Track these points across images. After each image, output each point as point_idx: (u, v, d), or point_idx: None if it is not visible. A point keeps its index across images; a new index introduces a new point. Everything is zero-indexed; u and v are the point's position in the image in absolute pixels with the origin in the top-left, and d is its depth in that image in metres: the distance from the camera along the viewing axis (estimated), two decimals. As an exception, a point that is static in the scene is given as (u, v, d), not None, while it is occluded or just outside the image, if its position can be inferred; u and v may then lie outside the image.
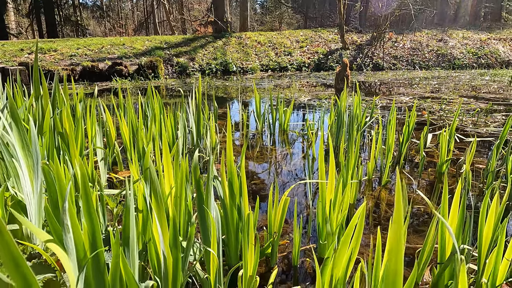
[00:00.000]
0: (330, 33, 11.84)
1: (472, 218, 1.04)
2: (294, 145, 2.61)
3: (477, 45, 11.01)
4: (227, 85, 6.58)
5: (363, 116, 2.52)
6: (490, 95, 5.06)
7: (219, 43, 9.89)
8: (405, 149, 2.23)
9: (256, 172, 2.05)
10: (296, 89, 5.89)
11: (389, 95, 5.04)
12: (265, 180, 1.91)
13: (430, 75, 8.36)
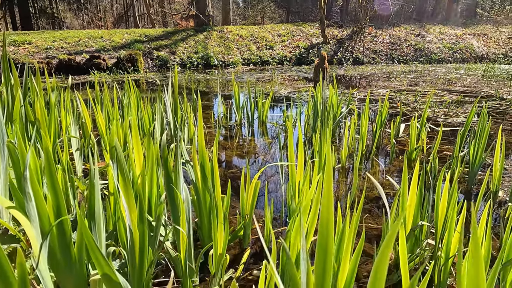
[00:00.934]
0: (312, 27, 11.93)
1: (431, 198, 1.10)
2: (272, 136, 2.65)
3: (453, 40, 11.33)
4: (208, 79, 6.56)
5: (339, 107, 2.58)
6: (463, 88, 5.25)
7: (200, 37, 9.81)
8: (378, 138, 2.30)
9: (233, 161, 2.08)
10: (277, 82, 5.93)
11: (367, 88, 5.15)
12: (242, 168, 1.95)
13: (408, 69, 8.56)
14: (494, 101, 4.06)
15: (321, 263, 0.36)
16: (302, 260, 0.34)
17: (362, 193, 0.91)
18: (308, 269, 0.37)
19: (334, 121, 2.51)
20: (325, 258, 0.37)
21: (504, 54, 10.78)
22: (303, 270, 0.34)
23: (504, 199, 1.57)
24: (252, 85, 5.45)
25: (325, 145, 1.58)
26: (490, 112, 3.49)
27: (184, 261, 0.84)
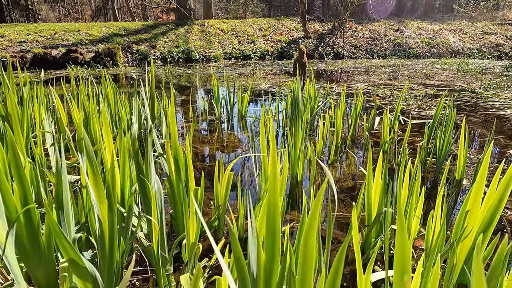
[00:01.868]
0: (293, 22, 11.97)
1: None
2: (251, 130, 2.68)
3: (430, 35, 11.61)
4: (189, 73, 6.51)
5: (316, 101, 2.63)
6: (439, 82, 5.42)
7: (181, 31, 9.70)
8: (353, 131, 2.37)
9: (212, 154, 2.10)
10: (259, 77, 5.95)
11: (347, 82, 5.25)
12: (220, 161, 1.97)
13: (387, 63, 8.74)
14: (466, 94, 4.22)
15: (270, 243, 0.40)
16: (251, 237, 0.37)
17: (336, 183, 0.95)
18: (258, 247, 0.40)
19: (311, 115, 2.56)
20: (273, 241, 0.41)
21: (478, 49, 11.14)
22: (251, 246, 0.37)
23: (468, 187, 1.66)
24: (233, 80, 5.46)
25: (299, 138, 1.63)
26: (461, 105, 3.63)
27: (156, 250, 0.87)
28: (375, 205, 1.10)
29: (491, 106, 3.58)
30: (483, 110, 3.41)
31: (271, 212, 0.40)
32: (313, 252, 0.35)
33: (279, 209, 0.44)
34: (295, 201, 1.56)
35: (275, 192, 0.42)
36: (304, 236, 0.34)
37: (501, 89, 4.58)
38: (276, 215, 0.37)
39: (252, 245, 0.39)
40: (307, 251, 0.33)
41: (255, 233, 0.38)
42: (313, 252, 0.35)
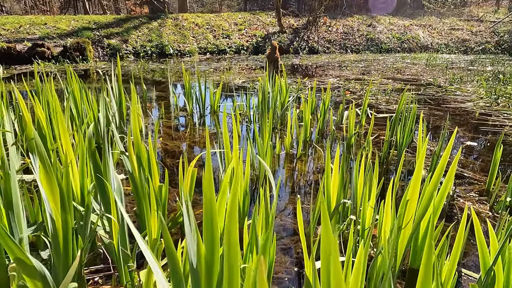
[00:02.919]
0: (268, 16, 11.98)
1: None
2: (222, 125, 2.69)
3: (401, 31, 11.94)
4: (163, 68, 6.41)
5: (286, 95, 2.67)
6: (410, 76, 5.60)
7: (154, 25, 9.50)
8: (322, 125, 2.43)
9: (182, 151, 2.10)
10: (234, 72, 5.95)
11: (321, 77, 5.33)
12: (190, 158, 1.98)
13: (359, 58, 8.93)
14: (432, 88, 4.40)
15: (209, 235, 0.42)
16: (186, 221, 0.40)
17: (303, 177, 0.99)
18: (197, 239, 0.42)
19: (282, 109, 2.60)
20: (212, 233, 0.43)
21: (446, 44, 11.57)
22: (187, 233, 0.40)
23: (425, 177, 1.75)
24: (207, 75, 5.43)
25: (266, 133, 1.66)
26: (427, 99, 3.78)
27: (117, 247, 0.88)
28: (334, 197, 1.15)
29: (454, 99, 3.75)
30: (446, 103, 3.57)
31: (207, 204, 0.42)
32: (236, 241, 0.37)
33: (213, 200, 0.46)
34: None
35: (209, 184, 0.44)
36: (227, 229, 0.37)
37: (465, 83, 4.80)
38: (213, 207, 0.39)
39: (189, 236, 0.42)
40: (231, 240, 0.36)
41: (192, 224, 0.41)
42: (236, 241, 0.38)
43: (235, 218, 0.39)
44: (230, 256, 0.36)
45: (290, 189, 1.64)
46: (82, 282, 0.85)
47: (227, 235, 0.36)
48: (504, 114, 3.13)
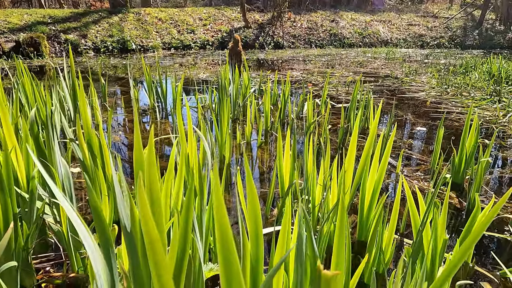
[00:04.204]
0: (233, 11, 11.94)
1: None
2: (184, 118, 2.68)
3: (362, 26, 12.33)
4: (125, 64, 6.23)
5: (248, 88, 2.71)
6: (368, 70, 5.82)
7: (115, 19, 9.18)
8: (282, 115, 2.49)
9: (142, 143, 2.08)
10: (200, 67, 5.90)
11: (286, 71, 5.42)
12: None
13: (323, 52, 9.15)
14: (390, 80, 4.61)
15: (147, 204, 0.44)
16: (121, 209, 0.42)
17: (262, 164, 1.02)
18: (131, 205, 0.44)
19: (243, 100, 2.63)
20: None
21: (404, 39, 12.10)
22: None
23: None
24: (173, 70, 5.35)
25: (224, 123, 1.68)
26: (384, 89, 3.96)
27: (67, 234, 0.87)
28: (286, 179, 1.20)
29: (409, 90, 3.96)
30: (401, 93, 3.76)
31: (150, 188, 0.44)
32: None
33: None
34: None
35: (151, 171, 0.46)
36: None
37: (419, 75, 5.06)
38: (154, 193, 0.41)
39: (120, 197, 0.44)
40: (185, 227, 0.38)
41: (124, 186, 0.42)
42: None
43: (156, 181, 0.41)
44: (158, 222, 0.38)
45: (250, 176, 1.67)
46: (30, 270, 0.83)
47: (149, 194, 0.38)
48: (452, 102, 3.35)
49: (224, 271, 0.28)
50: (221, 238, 0.27)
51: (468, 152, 1.46)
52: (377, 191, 1.03)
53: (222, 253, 0.27)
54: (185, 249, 0.40)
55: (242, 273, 0.31)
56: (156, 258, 0.29)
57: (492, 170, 1.79)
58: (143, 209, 0.27)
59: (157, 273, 0.30)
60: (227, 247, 0.27)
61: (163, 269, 0.30)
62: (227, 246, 0.27)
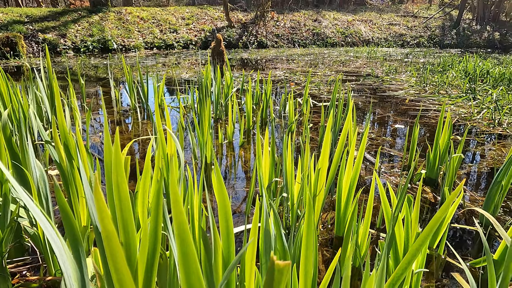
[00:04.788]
0: (216, 10, 11.90)
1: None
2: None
3: (344, 26, 12.50)
4: (106, 64, 6.13)
5: (230, 87, 2.71)
6: (350, 69, 5.91)
7: (95, 18, 9.00)
8: (264, 114, 2.51)
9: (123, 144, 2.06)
10: (183, 67, 5.86)
11: (268, 70, 5.44)
12: (131, 151, 1.95)
13: (306, 52, 9.22)
14: (371, 79, 4.69)
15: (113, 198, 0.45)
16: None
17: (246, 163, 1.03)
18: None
19: (226, 99, 2.64)
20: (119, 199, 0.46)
21: (385, 38, 12.33)
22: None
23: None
24: (156, 70, 5.29)
25: (205, 123, 1.69)
26: (364, 88, 4.03)
27: (43, 237, 0.86)
28: (266, 177, 1.21)
29: (389, 88, 4.05)
30: (381, 92, 3.84)
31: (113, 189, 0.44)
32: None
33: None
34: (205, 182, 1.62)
35: (118, 169, 0.47)
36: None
37: (399, 73, 5.18)
38: (122, 193, 0.42)
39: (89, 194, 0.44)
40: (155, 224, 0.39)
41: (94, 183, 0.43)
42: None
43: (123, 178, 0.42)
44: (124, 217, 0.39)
45: (233, 175, 1.68)
46: (5, 274, 0.82)
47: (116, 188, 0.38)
48: (430, 100, 3.44)
49: (183, 265, 0.29)
50: (179, 234, 0.28)
51: (442, 149, 1.51)
52: (353, 187, 1.06)
53: (181, 248, 0.28)
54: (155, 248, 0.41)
55: (214, 269, 0.32)
56: (112, 250, 0.30)
57: (466, 165, 1.86)
58: (99, 205, 0.28)
59: (115, 268, 0.31)
60: (185, 239, 0.28)
61: (121, 263, 0.31)
62: (184, 239, 0.28)
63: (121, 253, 0.29)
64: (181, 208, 0.28)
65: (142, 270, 0.41)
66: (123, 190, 0.39)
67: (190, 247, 0.28)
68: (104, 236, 0.28)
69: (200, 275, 0.30)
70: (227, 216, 0.45)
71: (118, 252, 0.28)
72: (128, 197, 0.39)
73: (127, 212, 0.38)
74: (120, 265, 0.29)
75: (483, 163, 1.90)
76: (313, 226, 0.47)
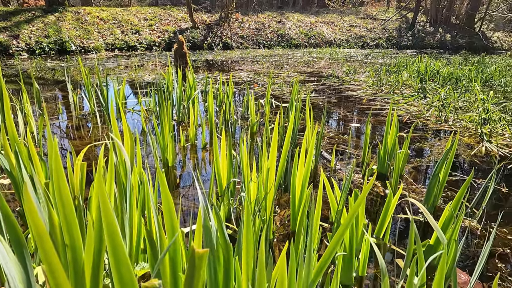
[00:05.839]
0: (180, 11, 11.76)
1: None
2: (128, 122, 2.63)
3: (308, 27, 12.81)
4: (64, 67, 5.88)
5: (192, 89, 2.72)
6: (313, 69, 6.08)
7: (51, 18, 8.60)
8: (227, 116, 2.54)
9: (79, 150, 2.01)
10: (147, 69, 5.75)
11: (233, 71, 5.48)
12: (90, 157, 1.92)
13: (271, 53, 9.36)
14: (331, 79, 4.86)
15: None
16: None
17: (206, 165, 1.05)
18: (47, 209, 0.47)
19: (189, 101, 2.65)
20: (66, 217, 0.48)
21: (347, 40, 12.77)
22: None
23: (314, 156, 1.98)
24: (117, 72, 5.16)
25: (166, 126, 1.70)
26: (325, 88, 4.18)
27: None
28: (224, 178, 1.25)
29: (348, 88, 4.22)
30: (341, 92, 4.00)
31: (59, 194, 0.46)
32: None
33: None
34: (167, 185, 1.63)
35: (58, 173, 0.49)
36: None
37: (358, 74, 5.41)
38: (64, 196, 0.44)
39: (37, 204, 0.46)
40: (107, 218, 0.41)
41: (41, 191, 0.45)
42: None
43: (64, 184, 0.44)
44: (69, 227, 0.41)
45: (194, 177, 1.71)
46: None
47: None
48: (386, 99, 3.64)
49: (114, 262, 0.32)
50: (108, 234, 0.31)
51: (390, 146, 1.62)
52: (305, 185, 1.12)
53: (111, 245, 0.32)
54: (101, 249, 0.44)
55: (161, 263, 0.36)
56: (44, 247, 0.33)
57: (414, 160, 2.00)
58: (29, 207, 0.30)
59: (49, 268, 0.34)
60: (114, 239, 0.31)
61: (54, 260, 0.33)
62: (114, 239, 0.31)
63: (53, 252, 0.31)
64: (109, 210, 0.31)
65: (89, 270, 0.43)
66: (64, 194, 0.41)
67: (119, 241, 0.32)
68: (35, 233, 0.31)
69: (130, 266, 0.33)
70: (172, 216, 0.48)
71: (50, 252, 0.31)
72: (70, 201, 0.42)
73: (70, 215, 0.41)
74: (54, 264, 0.32)
75: (429, 157, 2.05)
76: (251, 224, 0.52)
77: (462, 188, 1.08)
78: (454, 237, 0.87)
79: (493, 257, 1.17)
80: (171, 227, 0.49)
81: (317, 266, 0.57)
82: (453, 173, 1.83)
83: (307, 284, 0.53)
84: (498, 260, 1.16)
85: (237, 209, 1.33)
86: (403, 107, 3.27)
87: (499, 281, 1.06)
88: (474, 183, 1.73)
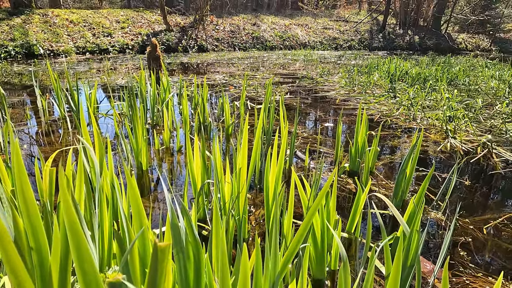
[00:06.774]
0: (154, 14, 11.60)
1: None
2: (102, 126, 2.58)
3: (282, 29, 12.95)
4: (31, 71, 5.67)
5: (167, 92, 2.70)
6: (288, 71, 6.15)
7: (17, 21, 8.26)
8: (202, 118, 2.54)
9: (47, 156, 1.96)
10: (120, 72, 5.63)
11: (208, 74, 5.46)
12: (60, 161, 1.87)
13: (246, 55, 9.40)
14: (306, 81, 4.95)
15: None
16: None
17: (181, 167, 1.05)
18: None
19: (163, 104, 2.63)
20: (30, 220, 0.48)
21: (321, 41, 13.01)
22: None
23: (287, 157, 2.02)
24: (89, 76, 5.03)
25: (139, 130, 1.68)
26: (300, 90, 4.25)
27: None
28: (198, 180, 1.26)
29: (322, 89, 4.31)
30: (315, 93, 4.08)
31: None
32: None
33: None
34: (142, 189, 1.61)
35: (21, 178, 0.48)
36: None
37: (332, 75, 5.53)
38: (28, 200, 0.44)
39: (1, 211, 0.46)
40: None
41: (4, 198, 0.45)
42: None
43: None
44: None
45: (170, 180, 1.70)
46: None
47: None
48: (358, 98, 3.75)
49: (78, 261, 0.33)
50: (72, 235, 0.32)
51: (360, 144, 1.68)
52: (278, 183, 1.15)
53: (75, 248, 0.32)
54: (67, 251, 0.44)
55: (130, 262, 0.36)
56: (6, 249, 0.33)
57: (384, 157, 2.08)
58: None
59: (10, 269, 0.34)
60: (78, 240, 0.32)
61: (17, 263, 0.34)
62: (78, 241, 0.32)
63: (15, 252, 0.32)
64: (72, 212, 0.32)
65: (56, 273, 0.44)
66: (28, 198, 0.41)
67: (81, 238, 0.32)
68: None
69: (94, 265, 0.34)
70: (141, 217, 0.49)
71: (11, 250, 0.31)
72: (34, 204, 0.42)
73: (35, 218, 0.41)
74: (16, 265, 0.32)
75: (398, 154, 2.14)
76: (219, 221, 0.53)
77: (424, 182, 1.14)
78: (416, 227, 0.91)
79: (456, 246, 1.24)
80: (139, 223, 0.50)
81: (283, 259, 0.59)
82: (420, 168, 1.91)
83: (274, 275, 0.55)
84: (461, 248, 1.23)
85: (212, 210, 1.34)
86: (374, 107, 3.37)
87: (461, 268, 1.13)
88: (439, 177, 1.82)
